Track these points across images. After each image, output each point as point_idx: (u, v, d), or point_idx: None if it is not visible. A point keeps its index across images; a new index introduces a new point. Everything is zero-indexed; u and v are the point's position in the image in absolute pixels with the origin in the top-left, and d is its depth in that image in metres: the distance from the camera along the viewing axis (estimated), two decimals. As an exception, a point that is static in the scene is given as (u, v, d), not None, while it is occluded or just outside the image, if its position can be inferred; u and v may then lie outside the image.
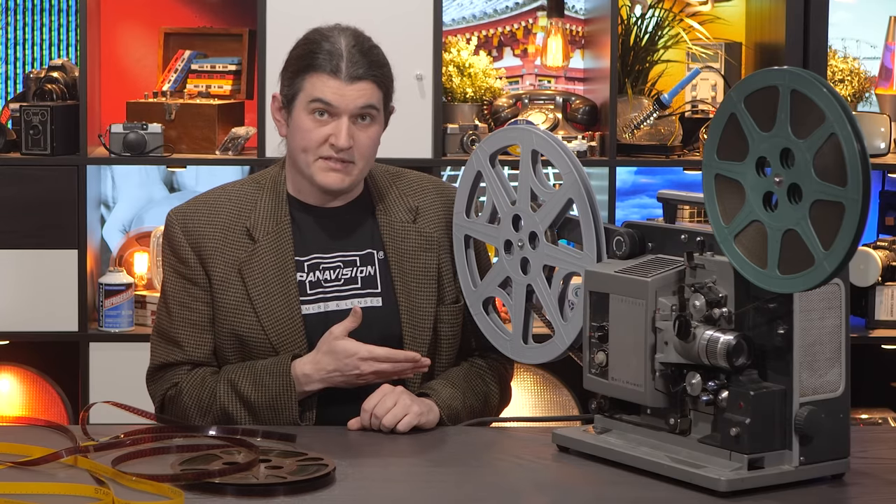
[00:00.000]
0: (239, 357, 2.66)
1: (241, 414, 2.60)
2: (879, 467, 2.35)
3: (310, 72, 2.63)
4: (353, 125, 2.63)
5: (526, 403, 4.36)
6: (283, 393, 2.57)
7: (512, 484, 2.29)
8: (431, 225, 2.74)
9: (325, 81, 2.62)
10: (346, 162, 2.64)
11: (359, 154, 2.64)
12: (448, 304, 2.73)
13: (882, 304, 4.26)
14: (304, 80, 2.64)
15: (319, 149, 2.64)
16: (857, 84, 4.53)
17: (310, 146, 2.64)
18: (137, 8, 4.47)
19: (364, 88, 2.62)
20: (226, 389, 2.61)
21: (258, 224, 2.68)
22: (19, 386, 4.29)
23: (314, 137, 2.63)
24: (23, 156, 4.10)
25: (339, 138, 2.61)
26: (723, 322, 2.22)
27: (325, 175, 2.65)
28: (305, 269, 2.68)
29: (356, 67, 2.62)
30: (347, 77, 2.61)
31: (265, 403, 2.58)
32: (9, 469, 2.24)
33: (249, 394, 2.59)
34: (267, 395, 2.58)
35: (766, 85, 2.12)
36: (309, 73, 2.63)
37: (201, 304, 2.67)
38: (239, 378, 2.61)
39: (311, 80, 2.63)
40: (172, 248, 2.70)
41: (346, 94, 2.61)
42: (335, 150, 2.62)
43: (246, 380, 2.60)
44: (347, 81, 2.61)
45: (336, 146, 2.62)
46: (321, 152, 2.64)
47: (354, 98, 2.62)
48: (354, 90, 2.62)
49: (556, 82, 4.63)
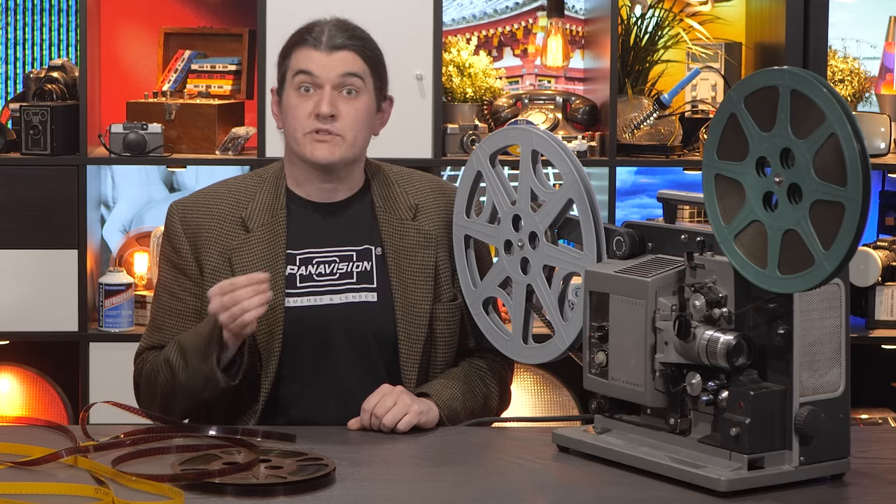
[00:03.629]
0: None
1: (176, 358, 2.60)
2: (879, 467, 2.35)
3: (295, 49, 2.71)
4: (338, 97, 2.67)
5: (526, 403, 4.36)
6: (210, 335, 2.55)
7: (512, 484, 2.29)
8: (431, 223, 2.75)
9: (307, 53, 2.69)
10: (333, 134, 2.67)
11: (345, 125, 2.67)
12: (445, 301, 2.73)
13: (882, 304, 4.26)
14: (290, 57, 2.71)
15: (306, 123, 2.67)
16: (857, 84, 4.53)
17: (297, 122, 2.68)
18: (137, 8, 4.47)
19: (344, 57, 2.68)
20: (173, 343, 2.65)
21: (253, 215, 2.71)
22: (19, 386, 4.29)
23: (301, 112, 2.67)
24: (23, 156, 4.10)
25: (321, 106, 2.65)
26: (723, 322, 2.22)
27: (314, 148, 2.67)
28: (297, 262, 2.69)
29: (335, 38, 2.69)
30: (327, 47, 2.68)
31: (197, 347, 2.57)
32: (9, 469, 2.25)
33: (186, 342, 2.61)
34: (198, 340, 2.58)
35: (766, 85, 2.12)
36: (294, 50, 2.71)
37: (189, 295, 2.71)
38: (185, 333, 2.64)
39: (295, 55, 2.70)
40: (169, 238, 2.74)
41: (325, 63, 2.67)
42: (320, 121, 2.65)
43: (190, 332, 2.63)
44: (327, 51, 2.68)
45: (318, 114, 2.65)
46: (307, 126, 2.67)
47: (335, 66, 2.67)
48: (334, 59, 2.68)
49: (556, 82, 4.63)
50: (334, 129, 2.66)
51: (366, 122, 2.71)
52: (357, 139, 2.69)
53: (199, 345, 2.57)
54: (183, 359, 2.60)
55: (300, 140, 2.68)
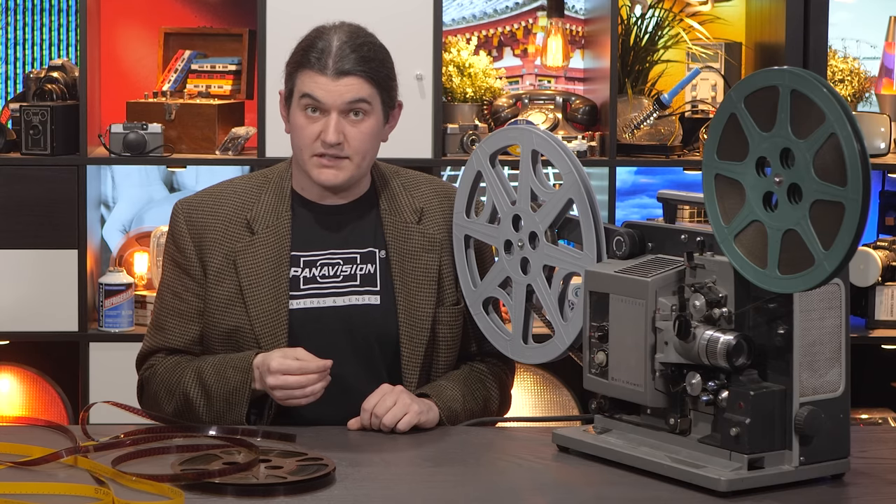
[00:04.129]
0: (226, 350, 2.67)
1: (200, 402, 2.61)
2: (879, 467, 2.35)
3: (300, 69, 2.67)
4: (345, 120, 2.65)
5: (526, 403, 4.36)
6: (240, 388, 2.57)
7: (512, 484, 2.29)
8: (435, 226, 2.75)
9: (313, 78, 2.64)
10: (338, 158, 2.65)
11: (352, 149, 2.66)
12: (448, 305, 2.73)
13: (882, 304, 4.26)
14: (296, 77, 2.67)
15: (312, 146, 2.66)
16: (857, 84, 4.53)
17: (303, 143, 2.66)
18: (137, 8, 4.47)
19: (351, 83, 2.64)
20: (192, 376, 2.64)
21: (258, 217, 2.70)
22: (19, 386, 4.29)
23: (307, 135, 2.66)
24: (23, 156, 4.10)
25: (327, 134, 2.63)
26: (723, 322, 2.22)
27: (319, 172, 2.66)
28: (301, 264, 2.68)
29: (343, 63, 2.63)
30: (334, 72, 2.63)
31: (222, 395, 2.59)
32: (9, 469, 2.25)
33: (211, 383, 2.60)
34: (225, 388, 2.59)
35: (766, 85, 2.12)
36: (300, 71, 2.67)
37: (192, 296, 2.70)
38: (206, 367, 2.63)
39: (301, 77, 2.66)
40: (174, 238, 2.73)
41: (332, 89, 2.63)
42: (325, 147, 2.64)
43: (211, 369, 2.62)
44: (333, 77, 2.63)
45: (325, 142, 2.63)
46: (314, 149, 2.66)
47: (342, 93, 2.63)
48: (341, 85, 2.63)
49: (556, 82, 4.63)
50: (341, 153, 2.65)
51: (373, 141, 2.69)
52: (364, 159, 2.68)
53: (226, 393, 2.57)
54: (206, 399, 2.60)
55: (306, 161, 2.67)
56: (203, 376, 2.62)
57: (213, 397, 2.59)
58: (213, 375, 2.61)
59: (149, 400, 2.72)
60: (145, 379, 2.72)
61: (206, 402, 2.60)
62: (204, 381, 2.61)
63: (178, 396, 2.64)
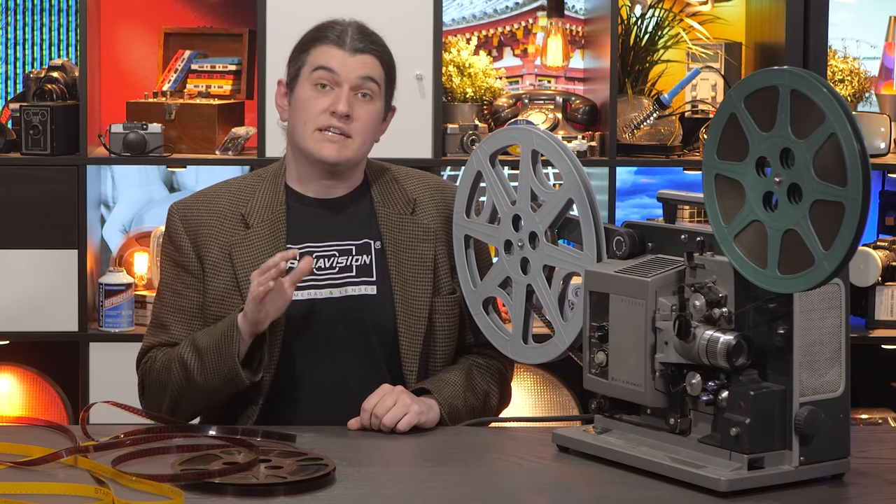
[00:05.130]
0: None
1: (193, 363, 2.61)
2: (879, 467, 2.35)
3: (315, 44, 2.72)
4: (354, 98, 2.69)
5: (526, 403, 4.36)
6: (227, 332, 2.58)
7: (512, 484, 2.29)
8: (429, 217, 2.76)
9: (329, 51, 2.69)
10: (343, 135, 2.68)
11: (357, 128, 2.69)
12: (444, 294, 2.74)
13: (882, 304, 4.26)
14: (309, 53, 2.72)
15: (319, 118, 2.68)
16: (857, 84, 4.53)
17: (309, 116, 2.68)
18: (137, 8, 4.47)
19: (366, 60, 2.70)
20: (186, 343, 2.66)
21: (253, 211, 2.72)
22: (19, 386, 4.29)
23: (314, 107, 2.68)
24: (23, 156, 4.10)
25: (339, 104, 2.67)
26: (723, 322, 2.22)
27: (322, 146, 2.68)
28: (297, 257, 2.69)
29: (359, 41, 2.71)
30: (351, 48, 2.70)
31: (212, 347, 2.59)
32: (9, 469, 2.25)
33: (201, 341, 2.62)
34: (213, 338, 2.60)
35: (766, 85, 2.12)
36: (314, 46, 2.72)
37: (192, 292, 2.71)
38: (198, 333, 2.65)
39: (315, 51, 2.71)
40: (170, 237, 2.75)
41: (347, 63, 2.69)
42: (336, 118, 2.66)
43: (202, 332, 2.65)
44: (350, 52, 2.70)
45: (336, 112, 2.66)
46: (320, 122, 2.68)
47: (356, 68, 2.69)
48: (356, 61, 2.69)
49: (556, 82, 4.63)
50: (347, 129, 2.68)
51: (375, 127, 2.73)
52: (365, 142, 2.72)
53: (216, 342, 2.57)
54: (198, 358, 2.60)
55: (308, 136, 2.68)
56: (195, 339, 2.64)
57: (205, 352, 2.60)
58: (202, 335, 2.63)
59: (150, 389, 2.72)
60: (145, 371, 2.73)
61: (199, 361, 2.60)
62: (195, 341, 2.63)
63: (175, 366, 2.64)
